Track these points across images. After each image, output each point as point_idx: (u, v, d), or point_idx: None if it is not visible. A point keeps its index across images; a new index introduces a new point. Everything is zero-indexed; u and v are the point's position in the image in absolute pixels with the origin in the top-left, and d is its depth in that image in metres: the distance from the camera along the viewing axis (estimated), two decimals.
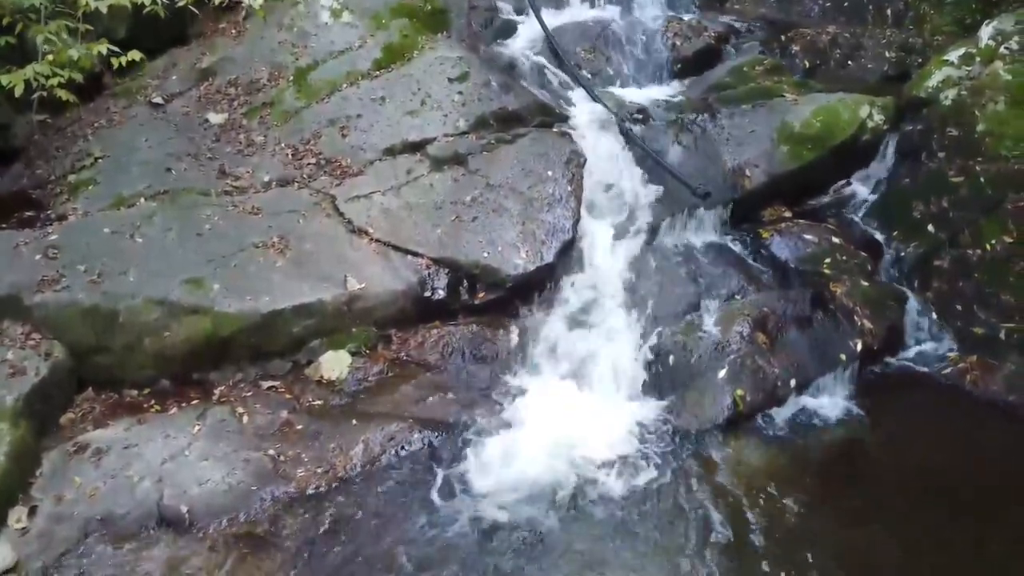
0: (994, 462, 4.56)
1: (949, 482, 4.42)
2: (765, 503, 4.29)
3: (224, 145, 6.05)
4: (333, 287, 5.09)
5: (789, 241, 5.89)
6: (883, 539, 4.08)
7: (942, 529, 4.12)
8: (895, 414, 4.93)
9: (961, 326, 5.54)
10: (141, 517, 4.02)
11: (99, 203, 5.36)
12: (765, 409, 4.92)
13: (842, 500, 4.35)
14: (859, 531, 4.12)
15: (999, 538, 4.05)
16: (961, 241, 5.87)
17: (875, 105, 6.43)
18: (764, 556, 3.97)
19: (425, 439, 4.60)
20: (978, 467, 4.52)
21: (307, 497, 4.23)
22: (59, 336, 4.59)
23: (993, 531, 4.09)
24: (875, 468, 4.59)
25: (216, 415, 4.59)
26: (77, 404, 4.66)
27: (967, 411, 4.96)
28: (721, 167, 6.14)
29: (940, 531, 4.11)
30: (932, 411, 4.99)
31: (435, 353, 5.21)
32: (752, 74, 7.00)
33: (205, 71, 6.65)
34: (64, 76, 5.14)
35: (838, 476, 4.53)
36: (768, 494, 4.35)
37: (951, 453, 4.63)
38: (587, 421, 4.83)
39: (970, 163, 6.11)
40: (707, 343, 5.11)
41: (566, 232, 5.61)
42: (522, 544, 4.07)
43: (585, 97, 6.71)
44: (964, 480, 4.42)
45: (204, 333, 4.77)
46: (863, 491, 4.41)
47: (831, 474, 4.55)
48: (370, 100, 6.31)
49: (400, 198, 5.69)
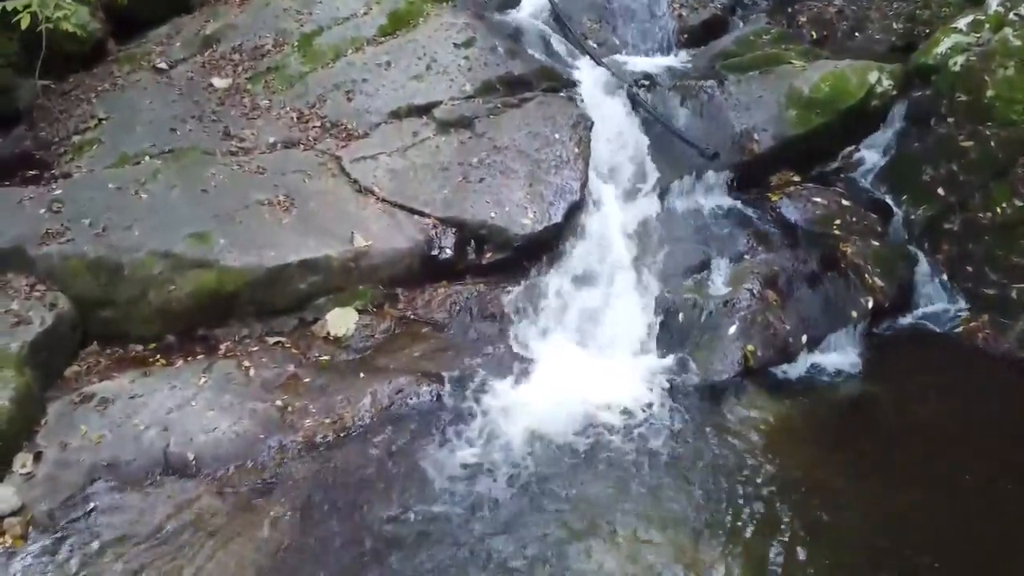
0: (1006, 413, 4.53)
1: (961, 433, 4.38)
2: (775, 454, 4.24)
3: (228, 109, 6.01)
4: (339, 243, 5.04)
5: (798, 204, 5.85)
6: (895, 489, 4.04)
7: (954, 478, 4.08)
8: (907, 370, 4.89)
9: (972, 287, 5.50)
10: (147, 464, 3.97)
11: (103, 161, 5.34)
12: (776, 365, 4.88)
13: (854, 452, 4.31)
14: (870, 482, 4.08)
15: (1011, 485, 4.00)
16: (971, 205, 5.82)
17: (883, 71, 6.38)
18: (773, 505, 3.92)
19: (433, 392, 4.56)
20: (990, 419, 4.48)
21: (315, 446, 4.19)
22: (64, 288, 4.55)
23: (1005, 479, 4.05)
24: (887, 421, 4.54)
25: (222, 368, 4.55)
26: (82, 358, 4.62)
27: (979, 367, 4.92)
28: (729, 132, 6.10)
29: (952, 480, 4.07)
30: (944, 367, 4.95)
31: (442, 312, 5.16)
32: (759, 43, 6.96)
33: (209, 38, 6.62)
34: (71, 9, 5.03)
35: (850, 429, 4.48)
36: (779, 446, 4.31)
37: (963, 406, 4.59)
38: (595, 376, 4.79)
39: (980, 128, 6.06)
40: (716, 300, 5.07)
41: (574, 193, 5.57)
42: (530, 492, 4.04)
43: (591, 64, 6.67)
44: (976, 431, 4.38)
45: (209, 287, 4.72)
46: (875, 443, 4.36)
47: (843, 427, 4.50)
48: (375, 65, 6.27)
49: (406, 159, 5.65)
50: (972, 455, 4.21)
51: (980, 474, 4.08)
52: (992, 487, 4.03)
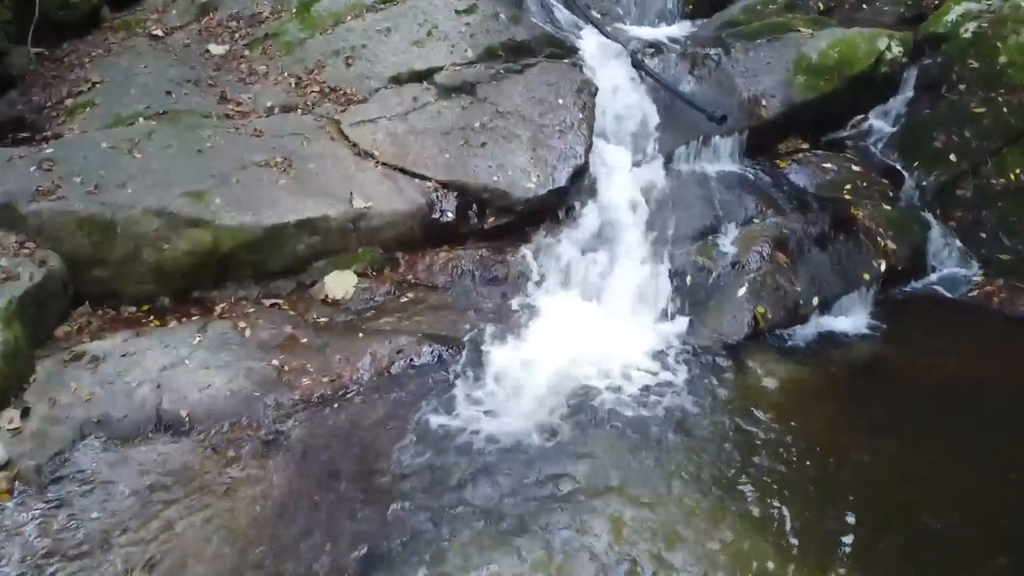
0: (1021, 372, 4.39)
1: (978, 392, 4.27)
2: (788, 415, 4.12)
3: (225, 74, 5.89)
4: (338, 204, 4.91)
5: (808, 169, 5.74)
6: (912, 447, 3.93)
7: (972, 435, 3.98)
8: (921, 332, 4.78)
9: (986, 252, 5.41)
10: (140, 421, 3.83)
11: (96, 123, 5.20)
12: (787, 327, 4.77)
13: (869, 411, 4.18)
14: (887, 440, 3.96)
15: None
16: (984, 171, 5.72)
17: (893, 38, 6.26)
18: (788, 464, 3.80)
19: (435, 352, 4.43)
20: (1007, 378, 4.38)
21: (312, 403, 4.06)
22: (55, 246, 4.40)
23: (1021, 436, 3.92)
24: (902, 381, 4.41)
25: (217, 328, 4.41)
26: (73, 318, 4.47)
27: (994, 329, 4.82)
28: (736, 97, 5.98)
29: (970, 437, 3.97)
30: (958, 329, 4.84)
31: (444, 275, 5.03)
32: (766, 11, 6.84)
33: (206, 5, 6.51)
34: None
35: (864, 388, 4.36)
36: (792, 406, 4.19)
37: (979, 366, 4.47)
38: (602, 338, 4.67)
39: (992, 94, 5.97)
40: (725, 262, 4.96)
41: (578, 157, 5.44)
42: (535, 451, 3.91)
43: (595, 33, 6.54)
44: (993, 390, 4.28)
45: (205, 246, 4.58)
46: (890, 402, 4.23)
47: (856, 387, 4.38)
48: (375, 31, 6.14)
49: (407, 123, 5.52)
50: (990, 413, 4.10)
51: (998, 432, 3.98)
52: (1011, 445, 3.90)
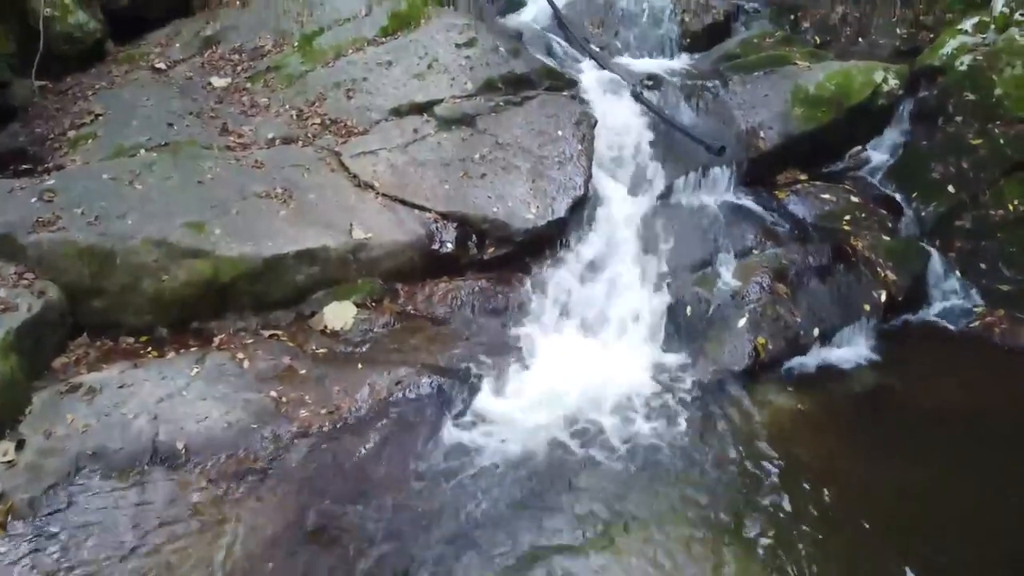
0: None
1: (981, 422, 4.24)
2: (790, 445, 4.09)
3: (227, 106, 5.94)
4: (338, 234, 4.92)
5: (806, 200, 5.75)
6: (914, 476, 3.89)
7: (974, 464, 3.94)
8: (922, 362, 4.76)
9: (986, 283, 5.40)
10: (136, 452, 3.79)
11: (98, 154, 5.22)
12: (788, 358, 4.75)
13: (870, 440, 4.15)
14: (889, 469, 3.93)
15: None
16: (982, 201, 5.74)
17: (889, 71, 6.34)
18: (790, 494, 3.76)
19: (434, 383, 4.40)
20: (1009, 409, 4.33)
21: (310, 436, 4.02)
22: (54, 276, 4.40)
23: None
24: (904, 411, 4.38)
25: (215, 359, 4.39)
26: (71, 349, 4.45)
27: (996, 360, 4.79)
28: (734, 129, 6.02)
29: (972, 466, 3.93)
30: (959, 360, 4.81)
31: (443, 306, 5.02)
32: (763, 45, 6.93)
33: (209, 39, 6.58)
34: None
35: (865, 418, 4.32)
36: (793, 436, 4.16)
37: (981, 397, 4.45)
38: (601, 370, 4.65)
39: (988, 126, 6.02)
40: (725, 293, 4.94)
41: (577, 188, 5.46)
42: (534, 485, 3.87)
43: (594, 66, 6.61)
44: (996, 420, 4.24)
45: (204, 277, 4.58)
46: (892, 432, 4.20)
47: (858, 417, 4.34)
48: (376, 64, 6.20)
49: (407, 155, 5.55)
50: (992, 444, 4.07)
51: (1000, 462, 3.94)
52: (1013, 474, 3.87)
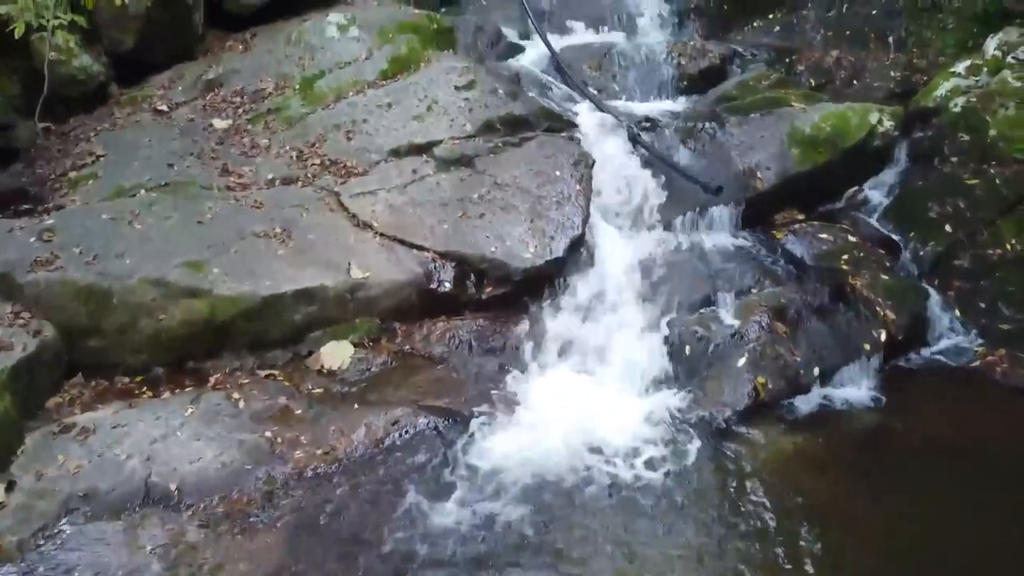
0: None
1: (983, 461, 4.18)
2: (791, 485, 4.03)
3: (228, 147, 5.99)
4: (336, 274, 4.92)
5: (804, 239, 5.76)
6: (916, 516, 3.83)
7: (977, 504, 3.86)
8: (923, 402, 4.71)
9: (986, 322, 5.37)
10: (127, 494, 3.75)
11: (98, 195, 5.27)
12: (788, 397, 4.70)
13: (872, 480, 4.09)
14: (891, 509, 3.86)
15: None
16: (980, 241, 5.74)
17: (884, 112, 6.40)
18: (792, 535, 3.69)
19: (431, 424, 4.35)
20: (1011, 448, 4.27)
21: (305, 477, 3.97)
22: (50, 316, 4.40)
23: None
24: (905, 451, 4.32)
25: (211, 399, 4.36)
26: (65, 389, 4.43)
27: (997, 399, 4.74)
28: (732, 169, 6.05)
29: (976, 506, 3.85)
30: (961, 399, 4.76)
31: (441, 346, 5.00)
32: (759, 87, 6.99)
33: (211, 82, 6.66)
34: (65, 19, 4.97)
35: (867, 458, 4.26)
36: (794, 476, 4.10)
37: (983, 436, 4.40)
38: (600, 410, 4.60)
39: (984, 166, 6.06)
40: (724, 333, 4.92)
41: (575, 228, 5.47)
42: (532, 530, 3.78)
43: (591, 108, 6.68)
44: (998, 460, 4.19)
45: (202, 316, 4.57)
46: (893, 472, 4.14)
47: (859, 456, 4.29)
48: (376, 106, 6.27)
49: (406, 195, 5.58)
50: (994, 484, 4.00)
51: (1003, 500, 3.87)
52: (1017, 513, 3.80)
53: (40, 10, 4.73)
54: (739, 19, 8.74)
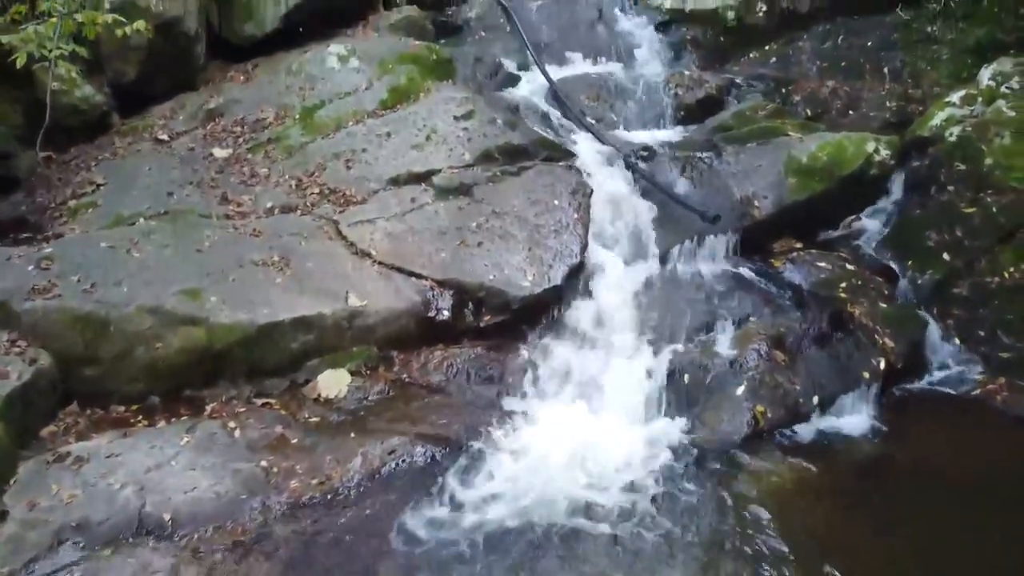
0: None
1: (985, 490, 4.13)
2: (791, 515, 3.99)
3: (228, 176, 6.02)
4: (334, 302, 4.92)
5: (802, 268, 5.76)
6: (918, 547, 3.78)
7: (980, 534, 3.82)
8: (924, 430, 4.69)
9: (986, 350, 5.34)
10: (120, 524, 3.71)
11: (98, 223, 5.29)
12: (788, 426, 4.68)
13: (873, 510, 4.04)
14: (892, 540, 3.82)
15: None
16: (978, 269, 5.74)
17: (880, 142, 6.44)
18: (788, 567, 3.64)
19: (428, 453, 4.33)
20: (1014, 477, 4.23)
21: (300, 506, 3.93)
22: (47, 344, 4.39)
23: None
24: (906, 480, 4.28)
25: (207, 428, 4.34)
26: (60, 418, 4.40)
27: (999, 428, 4.71)
28: (729, 198, 6.07)
29: (974, 537, 3.82)
30: (962, 428, 4.73)
31: (439, 374, 4.98)
32: (756, 117, 7.05)
33: (212, 111, 6.70)
34: (67, 50, 5.00)
35: (868, 488, 4.22)
36: (794, 506, 4.06)
37: (985, 465, 4.36)
38: (598, 439, 4.58)
39: (981, 195, 6.06)
40: (722, 361, 4.91)
41: (573, 256, 5.49)
42: (527, 559, 3.74)
43: (589, 138, 6.72)
44: (1001, 488, 4.14)
45: (199, 344, 4.56)
46: (895, 501, 4.09)
47: (860, 486, 4.25)
48: (375, 136, 6.31)
49: (404, 223, 5.59)
50: (997, 512, 3.96)
51: (1005, 530, 3.83)
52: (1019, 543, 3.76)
53: (42, 40, 4.74)
54: (736, 50, 8.81)
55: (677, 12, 8.79)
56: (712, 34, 8.73)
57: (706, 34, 8.73)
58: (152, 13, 6.26)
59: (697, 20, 8.75)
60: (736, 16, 8.76)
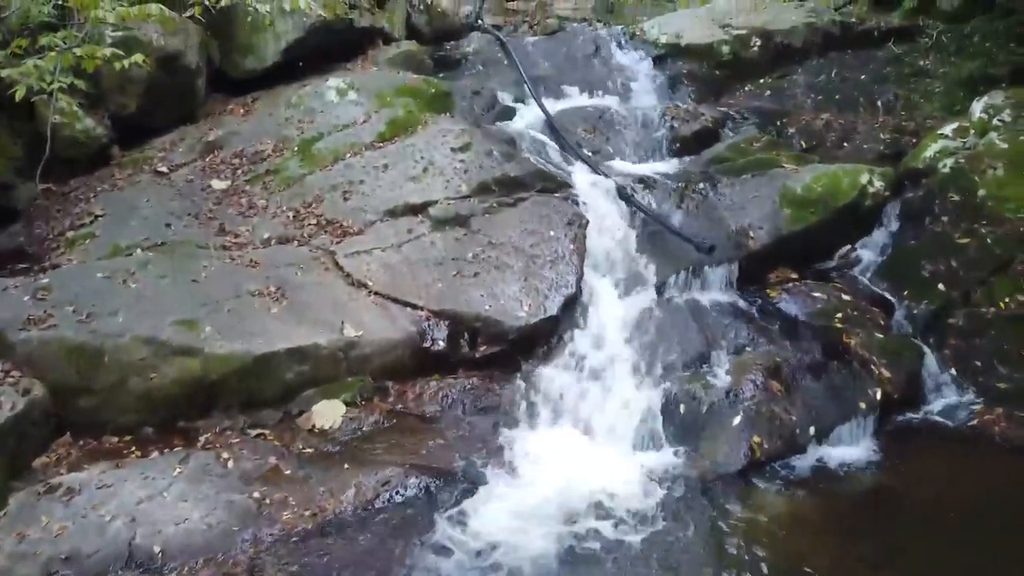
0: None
1: (984, 522, 4.10)
2: (788, 548, 3.96)
3: (225, 207, 6.05)
4: (329, 332, 4.92)
5: (798, 298, 5.77)
6: None
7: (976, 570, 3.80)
8: (921, 461, 4.66)
9: (983, 381, 5.33)
10: (110, 556, 3.67)
11: (95, 254, 5.30)
12: (784, 457, 4.65)
13: (871, 542, 4.00)
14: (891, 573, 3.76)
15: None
16: (973, 299, 5.75)
17: (874, 173, 6.49)
18: None
19: (422, 484, 4.29)
20: (1013, 508, 4.19)
21: (292, 538, 3.89)
22: (41, 375, 4.37)
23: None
24: (904, 511, 4.25)
25: (200, 459, 4.30)
26: (53, 449, 4.38)
27: (997, 459, 4.68)
28: (725, 229, 6.11)
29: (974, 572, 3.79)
30: (959, 459, 4.71)
31: (434, 405, 4.97)
32: (751, 149, 7.11)
33: (211, 144, 6.75)
34: (66, 82, 5.05)
35: (866, 519, 4.19)
36: (791, 539, 4.02)
37: (984, 496, 4.33)
38: (594, 470, 4.55)
39: (975, 225, 6.10)
40: (719, 392, 4.89)
41: (569, 287, 5.50)
42: None
43: (585, 169, 6.76)
44: (999, 520, 4.10)
45: (194, 375, 4.55)
46: (893, 533, 4.06)
47: (858, 517, 4.21)
48: (373, 167, 6.36)
49: (400, 254, 5.62)
50: (996, 543, 3.92)
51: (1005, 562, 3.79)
52: None
53: (42, 74, 4.80)
54: (731, 84, 8.94)
55: (673, 47, 8.92)
56: (707, 68, 8.86)
57: (702, 68, 8.85)
58: (154, 47, 6.34)
59: (693, 54, 8.88)
60: (731, 50, 8.90)
